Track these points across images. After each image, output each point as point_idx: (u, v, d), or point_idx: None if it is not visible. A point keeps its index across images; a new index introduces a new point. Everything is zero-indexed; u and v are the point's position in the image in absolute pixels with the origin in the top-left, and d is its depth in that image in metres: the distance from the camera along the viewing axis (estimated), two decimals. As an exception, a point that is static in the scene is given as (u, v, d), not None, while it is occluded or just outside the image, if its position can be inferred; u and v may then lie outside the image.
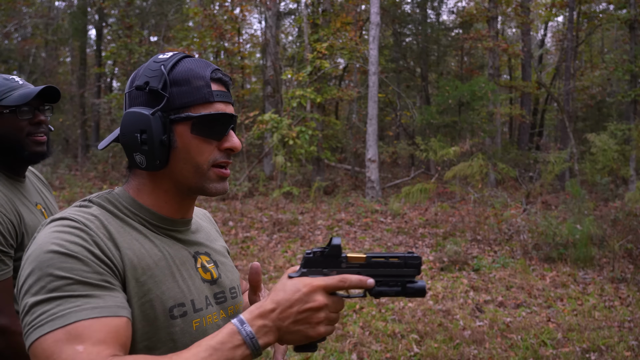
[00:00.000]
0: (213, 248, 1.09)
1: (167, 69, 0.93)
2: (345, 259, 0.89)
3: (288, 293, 0.83)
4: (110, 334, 0.79)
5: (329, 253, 0.89)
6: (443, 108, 12.69)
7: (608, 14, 13.96)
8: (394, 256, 0.90)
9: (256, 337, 0.81)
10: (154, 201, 0.98)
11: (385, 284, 0.89)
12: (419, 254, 0.91)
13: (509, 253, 6.73)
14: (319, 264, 0.89)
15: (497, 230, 7.61)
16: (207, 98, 0.94)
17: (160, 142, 0.91)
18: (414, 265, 0.90)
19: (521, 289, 5.44)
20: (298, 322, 0.83)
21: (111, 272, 0.85)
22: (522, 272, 5.94)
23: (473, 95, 11.95)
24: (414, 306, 4.97)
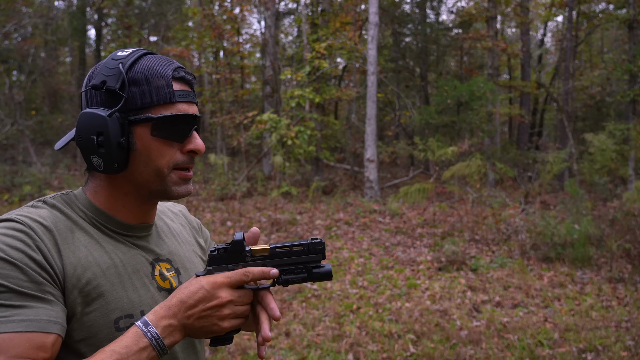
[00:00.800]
0: (178, 254, 1.04)
1: (125, 67, 0.88)
2: (250, 252, 0.91)
3: (192, 291, 0.84)
4: (30, 350, 0.75)
5: (231, 249, 0.90)
6: (442, 108, 12.67)
7: (607, 13, 13.95)
8: (297, 244, 0.92)
9: (162, 338, 0.81)
10: (112, 205, 0.94)
11: (292, 272, 0.92)
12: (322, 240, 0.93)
13: (507, 253, 6.73)
14: (224, 260, 0.90)
15: (495, 230, 7.61)
16: (168, 98, 0.89)
17: (118, 144, 0.87)
18: (318, 251, 0.92)
19: (519, 289, 5.44)
20: (202, 319, 0.84)
21: (51, 281, 0.81)
22: (520, 272, 5.93)
23: (472, 95, 11.93)
24: (411, 306, 4.96)
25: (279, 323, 4.59)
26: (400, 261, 6.60)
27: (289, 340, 4.21)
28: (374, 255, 6.85)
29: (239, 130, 13.30)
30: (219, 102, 14.21)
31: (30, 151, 13.53)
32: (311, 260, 0.92)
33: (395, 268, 6.28)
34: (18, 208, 0.91)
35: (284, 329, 4.44)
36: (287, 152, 10.63)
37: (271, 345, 4.14)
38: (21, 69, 16.49)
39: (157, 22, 16.48)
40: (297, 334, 4.34)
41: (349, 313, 4.81)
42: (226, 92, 14.02)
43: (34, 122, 15.49)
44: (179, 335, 0.84)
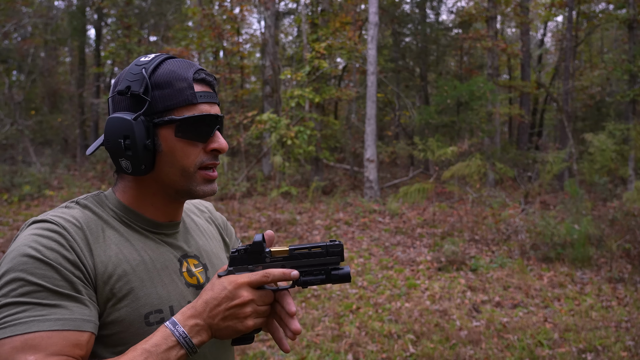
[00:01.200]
0: (205, 250, 1.08)
1: (148, 72, 0.92)
2: (269, 254, 0.93)
3: (215, 292, 0.88)
4: (66, 348, 0.79)
5: (252, 250, 0.93)
6: (442, 108, 12.67)
7: (607, 13, 13.95)
8: (316, 246, 0.94)
9: (189, 337, 0.85)
10: (140, 203, 0.98)
11: (310, 273, 0.93)
12: (340, 242, 0.94)
13: (506, 253, 6.72)
14: (244, 261, 0.93)
15: (495, 230, 7.60)
16: (190, 100, 0.92)
17: (144, 147, 0.90)
18: (336, 253, 0.94)
19: (518, 289, 5.43)
20: (227, 319, 0.87)
21: (84, 279, 0.85)
22: (520, 272, 5.93)
23: (472, 95, 11.93)
24: (411, 306, 4.96)
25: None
26: (399, 261, 6.59)
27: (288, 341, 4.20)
28: (373, 255, 6.84)
29: (238, 130, 13.29)
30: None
31: (30, 151, 13.52)
32: (329, 262, 0.94)
33: (394, 268, 6.27)
34: (52, 209, 0.96)
35: (283, 329, 4.43)
36: (286, 152, 10.62)
37: (270, 345, 4.13)
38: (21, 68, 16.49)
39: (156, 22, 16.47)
40: (296, 334, 4.32)
41: (348, 313, 4.81)
42: (226, 92, 14.01)
43: (33, 122, 15.49)
44: (206, 334, 0.87)
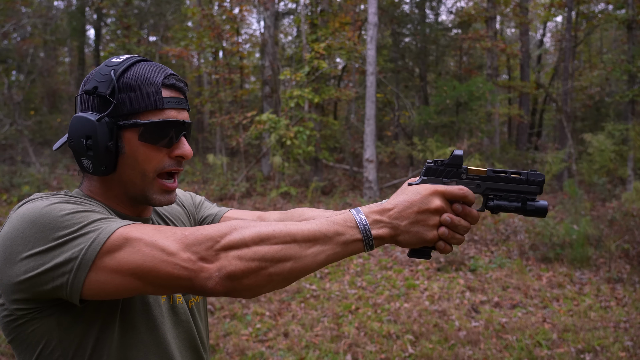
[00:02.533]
0: None
1: (117, 74, 0.92)
2: (466, 171, 0.90)
3: (409, 195, 0.87)
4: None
5: (450, 162, 0.90)
6: (441, 108, 12.66)
7: (606, 14, 13.96)
8: (516, 172, 0.90)
9: (369, 226, 0.85)
10: (106, 202, 0.99)
11: (505, 198, 0.89)
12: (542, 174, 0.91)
13: (505, 253, 6.73)
14: (440, 173, 0.90)
15: (494, 230, 7.61)
16: (156, 105, 0.92)
17: (105, 148, 0.90)
18: (537, 183, 0.89)
19: (517, 290, 5.44)
20: (415, 223, 0.86)
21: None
22: (519, 272, 5.93)
23: (471, 96, 11.91)
24: (409, 307, 4.96)
25: (277, 323, 4.59)
26: (399, 261, 6.60)
27: (287, 341, 4.20)
28: (372, 256, 6.85)
29: (238, 131, 13.29)
30: (218, 102, 14.19)
31: (29, 151, 13.52)
32: (527, 190, 0.89)
33: (394, 268, 6.28)
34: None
35: (282, 330, 4.44)
36: (286, 152, 10.62)
37: (269, 345, 4.13)
38: (20, 68, 16.48)
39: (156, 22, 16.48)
40: (295, 334, 4.33)
41: (347, 313, 4.81)
42: (225, 92, 14.01)
43: (32, 122, 15.48)
44: (387, 232, 0.86)
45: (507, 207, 0.88)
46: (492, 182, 0.89)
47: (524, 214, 0.89)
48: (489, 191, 0.90)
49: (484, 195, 0.91)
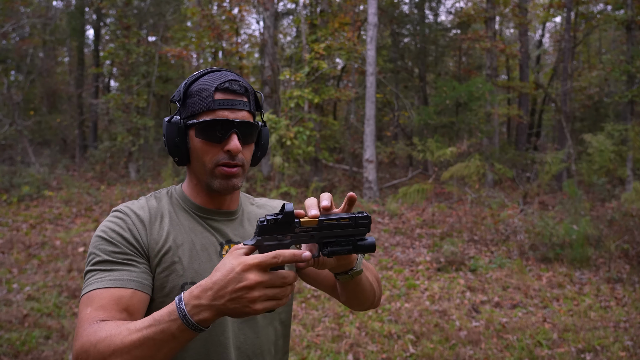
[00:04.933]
0: (249, 235, 1.23)
1: (187, 84, 1.12)
2: (299, 224, 0.92)
3: (224, 272, 0.87)
4: (111, 302, 1.00)
5: (282, 220, 0.91)
6: (441, 108, 12.67)
7: (605, 14, 13.99)
8: (345, 217, 0.94)
9: (189, 315, 0.87)
10: (192, 192, 1.18)
11: (338, 244, 0.94)
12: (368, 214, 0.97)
13: (505, 253, 6.74)
14: (273, 230, 0.91)
15: (494, 230, 7.63)
16: (208, 106, 1.09)
17: (174, 143, 1.11)
18: (364, 225, 0.95)
19: (517, 290, 5.45)
20: (234, 301, 0.86)
21: (136, 251, 1.08)
22: (519, 272, 5.95)
23: (471, 96, 11.92)
24: (410, 307, 4.98)
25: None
26: (399, 261, 6.61)
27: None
28: (373, 256, 6.86)
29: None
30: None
31: (29, 151, 13.51)
32: (357, 233, 0.95)
33: (394, 268, 6.29)
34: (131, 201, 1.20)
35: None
36: (286, 152, 10.63)
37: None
38: (19, 69, 16.46)
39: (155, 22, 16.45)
40: (296, 334, 4.34)
41: (348, 313, 4.82)
42: (225, 93, 14.00)
43: (32, 122, 15.46)
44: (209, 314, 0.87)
45: (341, 252, 0.94)
46: (324, 230, 0.93)
47: (356, 252, 0.96)
48: (323, 239, 0.94)
49: (319, 243, 0.95)
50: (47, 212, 9.48)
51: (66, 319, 4.60)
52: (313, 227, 0.93)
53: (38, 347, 3.96)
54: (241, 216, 1.23)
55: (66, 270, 6.05)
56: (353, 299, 1.16)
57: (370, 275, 1.18)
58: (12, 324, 4.39)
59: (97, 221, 8.84)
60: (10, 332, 4.20)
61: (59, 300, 5.05)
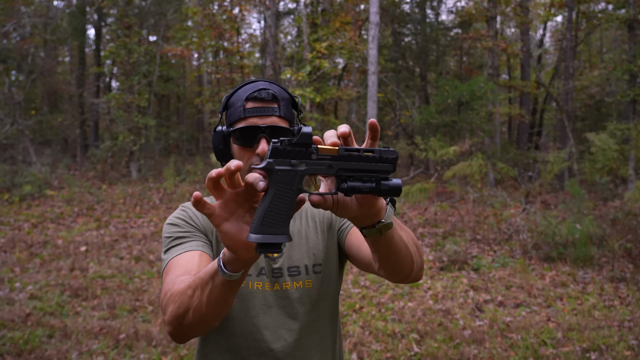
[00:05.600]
0: (292, 232, 1.33)
1: (228, 96, 1.26)
2: (316, 150, 0.82)
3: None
4: (183, 264, 1.16)
5: (298, 142, 0.80)
6: (442, 108, 12.65)
7: (607, 13, 13.96)
8: (368, 150, 0.84)
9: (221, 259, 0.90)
10: None
11: (359, 179, 0.82)
12: (395, 149, 0.89)
13: (508, 252, 6.72)
14: (287, 154, 0.81)
15: (496, 229, 7.60)
16: (240, 115, 1.21)
17: (219, 150, 1.26)
18: (390, 160, 0.84)
19: (521, 289, 5.44)
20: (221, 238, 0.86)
21: (196, 229, 1.28)
22: (522, 271, 5.93)
23: (472, 95, 11.91)
24: (413, 306, 4.96)
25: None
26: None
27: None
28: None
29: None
30: (218, 101, 14.18)
31: (30, 151, 13.50)
32: (381, 169, 0.83)
33: (397, 268, 6.27)
34: None
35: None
36: (287, 151, 10.59)
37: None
38: (20, 68, 16.45)
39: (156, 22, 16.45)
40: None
41: (351, 312, 4.81)
42: (226, 92, 14.00)
43: (33, 122, 15.45)
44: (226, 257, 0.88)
45: (361, 188, 0.82)
46: (344, 161, 0.82)
47: (378, 194, 0.82)
48: (342, 172, 0.82)
49: (337, 176, 0.83)
50: (48, 211, 9.47)
51: (69, 317, 4.59)
52: (332, 155, 0.82)
53: (41, 346, 3.95)
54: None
55: (68, 269, 6.04)
56: (386, 262, 1.03)
57: (406, 235, 1.05)
58: (15, 323, 4.38)
59: (99, 220, 8.83)
60: (13, 331, 4.19)
61: (62, 299, 5.04)
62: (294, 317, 1.28)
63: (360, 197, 0.86)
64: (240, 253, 0.84)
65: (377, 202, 0.87)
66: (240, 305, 1.26)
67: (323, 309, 1.33)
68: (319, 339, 1.32)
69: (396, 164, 0.85)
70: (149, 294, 5.26)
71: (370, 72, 10.72)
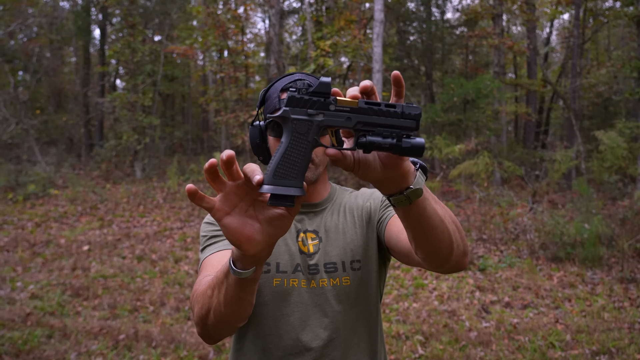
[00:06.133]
0: (328, 226, 1.30)
1: (265, 90, 1.26)
2: (334, 101, 0.78)
3: None
4: (215, 263, 1.18)
5: (315, 90, 0.78)
6: (448, 106, 12.55)
7: (614, 10, 13.78)
8: (390, 105, 0.79)
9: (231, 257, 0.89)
10: None
11: (379, 134, 0.77)
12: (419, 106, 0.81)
13: (515, 253, 6.62)
14: (304, 103, 0.78)
15: (503, 229, 7.50)
16: (275, 106, 1.21)
17: (256, 144, 1.24)
18: (412, 117, 0.78)
19: (528, 290, 5.33)
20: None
21: None
22: (529, 272, 5.83)
23: (478, 93, 11.79)
24: (418, 307, 4.87)
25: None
26: (406, 261, 6.50)
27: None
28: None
29: (243, 129, 13.22)
30: (223, 100, 14.14)
31: (35, 150, 13.51)
32: (403, 125, 0.78)
33: (401, 267, 6.18)
34: None
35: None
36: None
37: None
38: (26, 68, 16.48)
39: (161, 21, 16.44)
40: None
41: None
42: (230, 91, 13.95)
43: (38, 122, 15.48)
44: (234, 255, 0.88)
45: (380, 144, 0.77)
46: (364, 114, 0.78)
47: (399, 152, 0.77)
48: (361, 125, 0.78)
49: (355, 130, 0.79)
50: (52, 210, 9.45)
51: (69, 317, 4.54)
52: (351, 107, 0.78)
53: (40, 347, 3.90)
54: (331, 207, 1.33)
55: (70, 269, 6.00)
56: (421, 241, 0.93)
57: (442, 210, 0.94)
58: (15, 323, 4.33)
59: (102, 219, 8.80)
60: (13, 331, 4.14)
61: (63, 299, 4.99)
62: (331, 315, 1.24)
63: (383, 157, 0.80)
64: (244, 247, 0.80)
65: (403, 163, 0.80)
66: (276, 304, 1.24)
67: (362, 308, 1.29)
68: (356, 340, 1.28)
69: (419, 122, 0.79)
70: (150, 293, 5.20)
71: (375, 70, 10.62)
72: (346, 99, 0.79)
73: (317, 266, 1.25)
